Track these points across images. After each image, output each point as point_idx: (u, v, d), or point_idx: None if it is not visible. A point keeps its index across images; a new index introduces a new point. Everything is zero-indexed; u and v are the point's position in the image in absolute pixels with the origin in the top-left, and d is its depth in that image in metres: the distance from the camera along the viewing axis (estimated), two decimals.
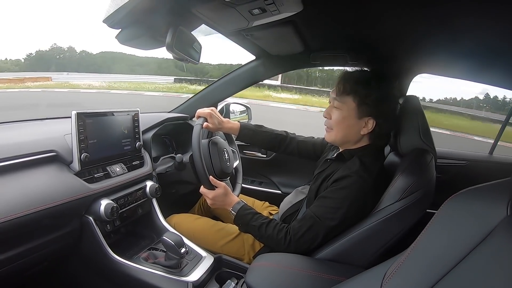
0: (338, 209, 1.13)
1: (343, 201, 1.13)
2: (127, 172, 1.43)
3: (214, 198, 1.31)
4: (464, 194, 0.66)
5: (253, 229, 1.25)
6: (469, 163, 1.96)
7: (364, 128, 1.23)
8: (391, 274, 0.64)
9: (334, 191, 1.17)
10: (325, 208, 1.16)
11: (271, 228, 1.21)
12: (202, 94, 2.17)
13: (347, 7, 1.09)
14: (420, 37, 1.29)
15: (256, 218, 1.25)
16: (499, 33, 1.10)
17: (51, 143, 1.20)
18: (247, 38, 1.50)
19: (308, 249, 1.17)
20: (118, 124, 1.41)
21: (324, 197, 1.19)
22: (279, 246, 1.19)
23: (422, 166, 1.19)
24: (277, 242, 1.19)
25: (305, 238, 1.16)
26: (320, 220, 1.15)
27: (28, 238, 1.04)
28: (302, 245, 1.16)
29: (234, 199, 1.34)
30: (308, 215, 1.19)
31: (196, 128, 1.34)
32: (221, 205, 1.33)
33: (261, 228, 1.22)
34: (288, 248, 1.17)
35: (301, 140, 1.70)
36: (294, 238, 1.17)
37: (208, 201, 1.34)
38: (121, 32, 1.11)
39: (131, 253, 1.35)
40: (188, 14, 1.15)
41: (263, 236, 1.23)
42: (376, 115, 1.21)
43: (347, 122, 1.25)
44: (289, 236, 1.18)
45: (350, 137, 1.27)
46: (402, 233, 1.10)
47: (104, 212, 1.21)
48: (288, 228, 1.20)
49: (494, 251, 0.54)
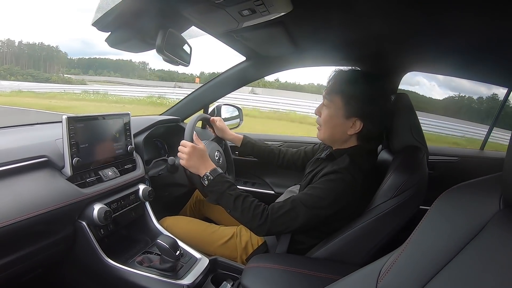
0: (322, 199, 1.12)
1: (329, 193, 1.12)
2: (119, 176, 1.42)
3: (192, 153, 1.27)
4: (456, 190, 0.66)
5: (228, 199, 1.19)
6: (460, 159, 1.98)
7: (351, 128, 1.23)
8: (386, 271, 0.64)
9: (322, 181, 1.16)
10: (310, 196, 1.15)
11: (248, 202, 1.17)
12: (193, 96, 2.17)
13: (336, 7, 1.09)
14: (408, 35, 1.30)
15: (234, 189, 1.21)
16: (485, 30, 1.11)
17: (42, 148, 1.19)
18: (237, 39, 1.50)
19: (283, 231, 1.16)
20: (110, 127, 1.40)
21: (312, 187, 1.18)
22: (253, 221, 1.15)
23: (414, 163, 1.20)
24: (252, 216, 1.15)
25: (282, 219, 1.13)
26: (303, 205, 1.13)
27: (21, 245, 1.03)
28: (278, 226, 1.13)
29: (212, 164, 1.30)
30: (291, 199, 1.17)
31: (190, 121, 1.42)
32: (196, 164, 1.27)
33: (238, 200, 1.17)
34: (263, 226, 1.13)
35: (294, 151, 1.74)
36: (272, 216, 1.13)
37: (182, 156, 1.28)
38: (111, 35, 1.10)
39: (125, 257, 1.34)
40: (178, 16, 1.15)
41: (237, 208, 1.17)
42: (363, 116, 1.20)
43: (334, 121, 1.25)
44: (266, 212, 1.14)
45: (337, 136, 1.27)
46: (396, 230, 1.11)
47: (98, 217, 1.20)
48: (267, 206, 1.17)
49: (488, 245, 0.55)
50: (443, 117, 11.77)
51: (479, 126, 9.42)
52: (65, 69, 70.70)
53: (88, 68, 75.07)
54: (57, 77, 55.10)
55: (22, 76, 54.04)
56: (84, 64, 79.71)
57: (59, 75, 58.84)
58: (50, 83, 37.30)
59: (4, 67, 64.32)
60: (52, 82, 41.63)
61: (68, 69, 71.58)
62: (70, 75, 57.08)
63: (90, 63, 79.35)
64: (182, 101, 2.19)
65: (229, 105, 2.27)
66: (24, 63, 71.78)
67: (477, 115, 13.81)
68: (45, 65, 72.88)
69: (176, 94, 17.37)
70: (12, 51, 73.14)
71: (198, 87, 2.18)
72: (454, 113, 13.92)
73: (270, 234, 1.16)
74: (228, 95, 2.14)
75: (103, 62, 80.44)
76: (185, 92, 14.80)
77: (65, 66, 75.37)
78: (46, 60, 73.83)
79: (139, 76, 68.01)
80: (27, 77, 52.64)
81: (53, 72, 65.93)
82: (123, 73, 71.20)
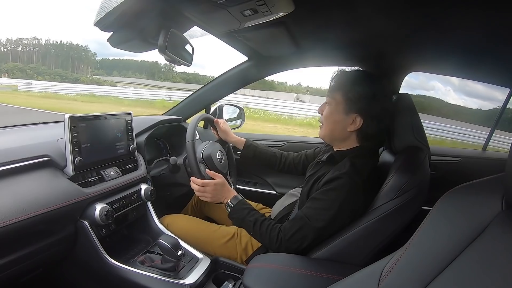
0: (327, 210, 1.13)
1: (333, 203, 1.13)
2: (121, 175, 1.42)
3: (214, 190, 1.32)
4: (458, 191, 0.66)
5: (248, 225, 1.25)
6: (462, 159, 1.98)
7: (351, 125, 1.23)
8: (388, 272, 0.64)
9: (325, 192, 1.17)
10: (315, 210, 1.16)
11: (265, 226, 1.23)
12: (194, 96, 2.17)
13: (338, 7, 1.09)
14: (410, 35, 1.30)
15: (253, 214, 1.27)
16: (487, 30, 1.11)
17: (44, 148, 1.20)
18: (239, 39, 1.50)
19: (298, 249, 1.17)
20: (112, 127, 1.40)
21: (315, 198, 1.19)
22: (271, 244, 1.20)
23: (416, 164, 1.20)
24: (270, 240, 1.20)
25: (294, 239, 1.16)
26: (310, 221, 1.15)
27: (23, 244, 1.04)
28: (292, 245, 1.17)
29: (232, 192, 1.35)
30: (299, 216, 1.19)
31: (193, 119, 1.43)
32: (217, 197, 1.33)
33: (256, 225, 1.23)
34: (280, 248, 1.18)
35: (295, 155, 1.75)
36: (285, 238, 1.17)
37: (202, 194, 1.34)
38: (112, 35, 1.11)
39: (127, 256, 1.34)
40: (180, 16, 1.15)
41: (256, 233, 1.24)
42: (363, 113, 1.21)
43: (334, 117, 1.26)
44: (280, 235, 1.18)
45: (337, 132, 1.28)
46: (398, 231, 1.11)
47: (99, 216, 1.20)
48: (280, 228, 1.21)
49: (489, 247, 0.54)
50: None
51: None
52: (91, 70, 70.34)
53: (112, 69, 74.69)
54: (86, 77, 54.62)
55: (49, 76, 53.65)
56: (107, 64, 79.43)
57: (87, 76, 58.26)
58: (79, 83, 37.08)
59: (30, 66, 63.97)
60: (82, 83, 41.69)
61: (91, 69, 71.37)
62: (98, 76, 56.75)
63: (114, 64, 78.99)
64: (184, 101, 2.19)
65: (231, 105, 2.27)
66: (51, 63, 71.39)
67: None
68: (72, 65, 72.32)
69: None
70: (39, 50, 72.98)
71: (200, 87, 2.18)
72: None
73: (290, 252, 1.19)
74: (272, 103, 2.14)
75: (127, 63, 79.97)
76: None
77: (93, 66, 75.04)
78: (75, 60, 73.43)
79: (165, 78, 66.75)
80: (55, 77, 52.21)
81: (80, 72, 65.40)
82: (149, 75, 70.46)
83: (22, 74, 57.96)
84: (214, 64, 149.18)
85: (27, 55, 72.09)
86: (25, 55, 72.20)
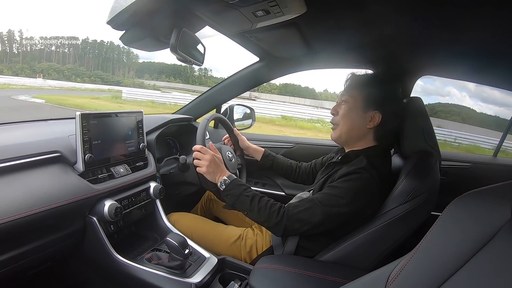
0: (341, 197, 1.11)
1: (348, 191, 1.11)
2: (131, 173, 1.43)
3: (211, 161, 1.28)
4: (468, 197, 0.65)
5: (244, 200, 1.20)
6: (473, 165, 1.95)
7: (370, 122, 1.23)
8: (395, 277, 0.64)
9: (341, 181, 1.15)
10: (329, 195, 1.14)
11: (264, 201, 1.19)
12: (206, 96, 2.18)
13: (350, 9, 1.09)
14: (422, 38, 1.29)
15: (250, 191, 1.23)
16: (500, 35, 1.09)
17: (55, 144, 1.21)
18: (251, 39, 1.50)
19: (297, 231, 1.14)
20: (122, 125, 1.41)
21: (330, 186, 1.17)
22: (270, 219, 1.15)
23: (426, 168, 1.19)
24: (269, 215, 1.15)
25: (297, 217, 1.13)
26: (320, 203, 1.13)
27: (32, 238, 1.05)
28: (293, 224, 1.13)
29: (228, 172, 1.31)
30: (309, 198, 1.18)
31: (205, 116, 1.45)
32: (212, 170, 1.28)
33: (254, 200, 1.19)
34: (279, 223, 1.14)
35: (306, 165, 1.76)
36: (288, 214, 1.14)
37: (199, 163, 1.30)
38: (125, 33, 1.12)
39: (134, 253, 1.35)
40: (192, 16, 1.15)
41: (254, 208, 1.18)
42: (382, 107, 1.22)
43: (353, 114, 1.26)
44: (283, 210, 1.15)
45: (355, 131, 1.27)
46: (406, 236, 1.10)
47: (108, 213, 1.21)
48: (283, 205, 1.18)
49: (498, 253, 0.54)
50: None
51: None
52: (133, 73, 68.77)
53: (142, 72, 73.18)
54: (128, 81, 53.68)
55: (89, 78, 52.70)
56: (136, 67, 77.39)
57: (129, 79, 56.85)
58: (122, 86, 36.53)
59: (67, 67, 62.16)
60: (124, 85, 41.23)
61: (133, 72, 69.89)
62: (140, 79, 55.31)
63: (143, 67, 77.29)
64: (195, 100, 2.21)
65: (242, 105, 2.28)
66: (89, 63, 69.66)
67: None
68: (113, 66, 71.20)
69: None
70: (75, 50, 71.13)
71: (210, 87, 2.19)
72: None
73: (286, 233, 1.16)
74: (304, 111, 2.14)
75: (157, 66, 77.89)
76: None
77: (135, 69, 73.24)
78: (115, 62, 72.17)
79: (200, 83, 65.89)
80: (95, 79, 51.14)
81: (117, 75, 64.34)
82: (183, 79, 69.30)
83: (59, 75, 56.24)
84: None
85: (63, 55, 70.14)
86: (60, 55, 70.20)
